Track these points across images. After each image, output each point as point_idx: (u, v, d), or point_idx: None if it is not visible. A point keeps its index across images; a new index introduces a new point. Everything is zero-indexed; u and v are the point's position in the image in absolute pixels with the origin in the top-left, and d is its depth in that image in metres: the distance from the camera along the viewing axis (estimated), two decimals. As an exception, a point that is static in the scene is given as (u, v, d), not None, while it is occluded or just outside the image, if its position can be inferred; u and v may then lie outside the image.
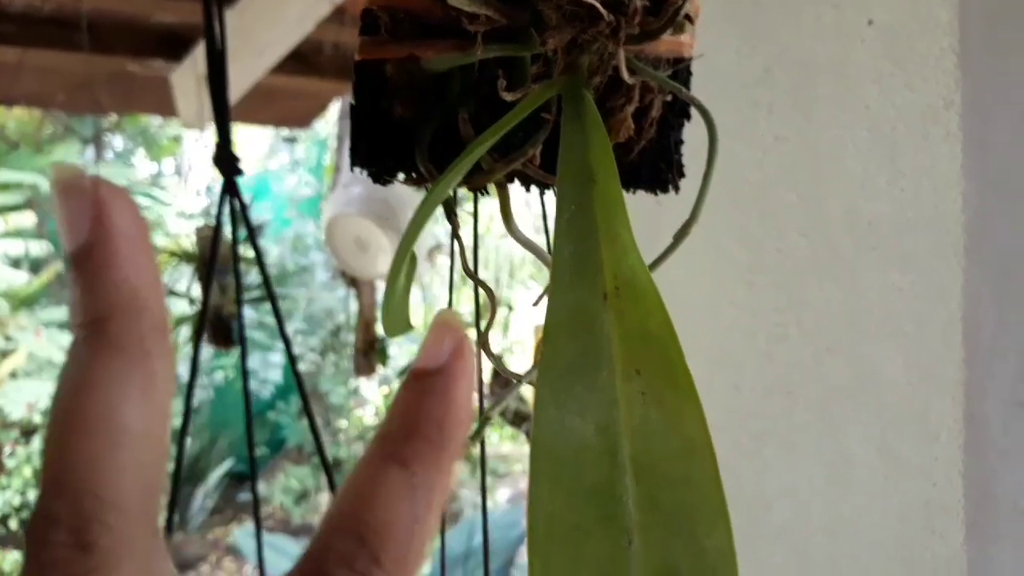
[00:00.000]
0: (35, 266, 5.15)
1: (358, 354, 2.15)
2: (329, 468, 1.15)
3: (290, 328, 4.95)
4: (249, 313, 4.63)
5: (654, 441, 0.27)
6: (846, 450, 0.73)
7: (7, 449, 4.61)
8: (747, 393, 0.78)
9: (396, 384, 5.47)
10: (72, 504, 0.19)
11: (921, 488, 0.70)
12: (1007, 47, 0.63)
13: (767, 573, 0.80)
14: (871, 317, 0.70)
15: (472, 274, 0.36)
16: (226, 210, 0.73)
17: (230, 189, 0.72)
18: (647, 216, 0.70)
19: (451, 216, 0.36)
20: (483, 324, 0.37)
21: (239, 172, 0.74)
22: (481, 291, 0.39)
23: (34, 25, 1.67)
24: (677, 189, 0.40)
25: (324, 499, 5.02)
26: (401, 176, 0.36)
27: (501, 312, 3.95)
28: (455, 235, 0.36)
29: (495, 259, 3.84)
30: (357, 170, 0.38)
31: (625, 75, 0.33)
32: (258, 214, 4.95)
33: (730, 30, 0.75)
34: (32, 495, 4.50)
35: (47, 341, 4.72)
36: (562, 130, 0.32)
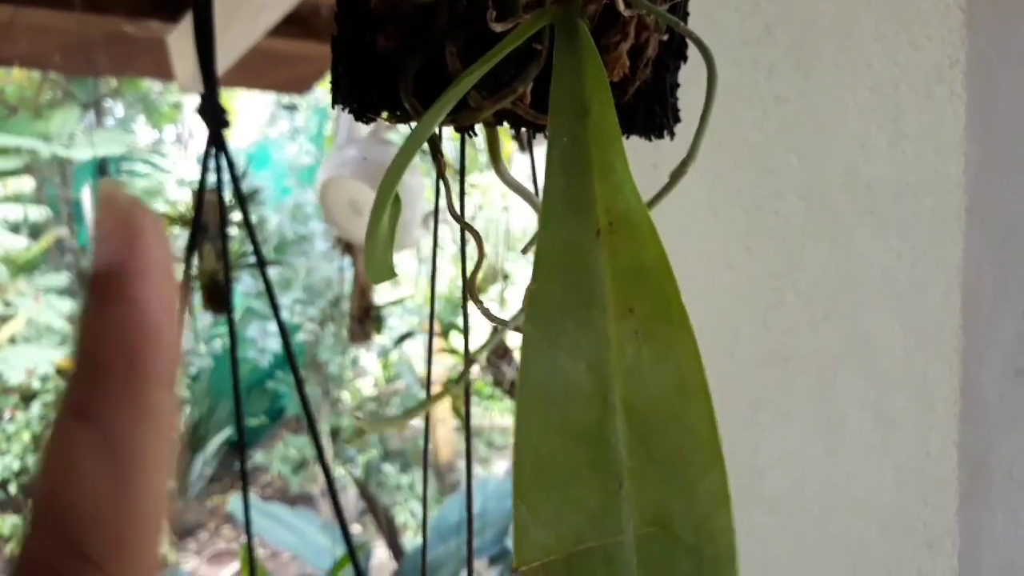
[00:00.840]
0: (34, 231, 5.13)
1: (353, 321, 2.13)
2: (319, 441, 1.14)
3: (289, 298, 4.94)
4: (249, 281, 4.62)
5: (647, 382, 0.26)
6: (842, 418, 0.72)
7: (6, 415, 4.62)
8: (743, 360, 0.77)
9: (395, 355, 5.47)
10: (55, 549, 0.18)
11: (916, 457, 0.69)
12: (1014, 4, 0.62)
13: (762, 541, 0.79)
14: (869, 283, 0.69)
15: (457, 216, 0.35)
16: (212, 164, 0.71)
17: (215, 141, 0.71)
18: (645, 156, 0.68)
19: (436, 155, 0.35)
20: (470, 269, 0.35)
21: (225, 124, 0.73)
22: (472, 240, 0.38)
23: (28, -17, 1.65)
24: (672, 135, 0.39)
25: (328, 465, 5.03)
26: (384, 113, 0.35)
27: (498, 287, 3.93)
28: (440, 175, 0.35)
29: (495, 231, 3.83)
30: (346, 126, 0.36)
31: (621, 6, 0.32)
32: (258, 182, 4.93)
33: (733, -13, 0.74)
34: (31, 460, 4.51)
35: (46, 307, 4.72)
36: (555, 61, 0.30)
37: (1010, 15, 0.62)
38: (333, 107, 0.35)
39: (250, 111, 5.72)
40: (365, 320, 2.13)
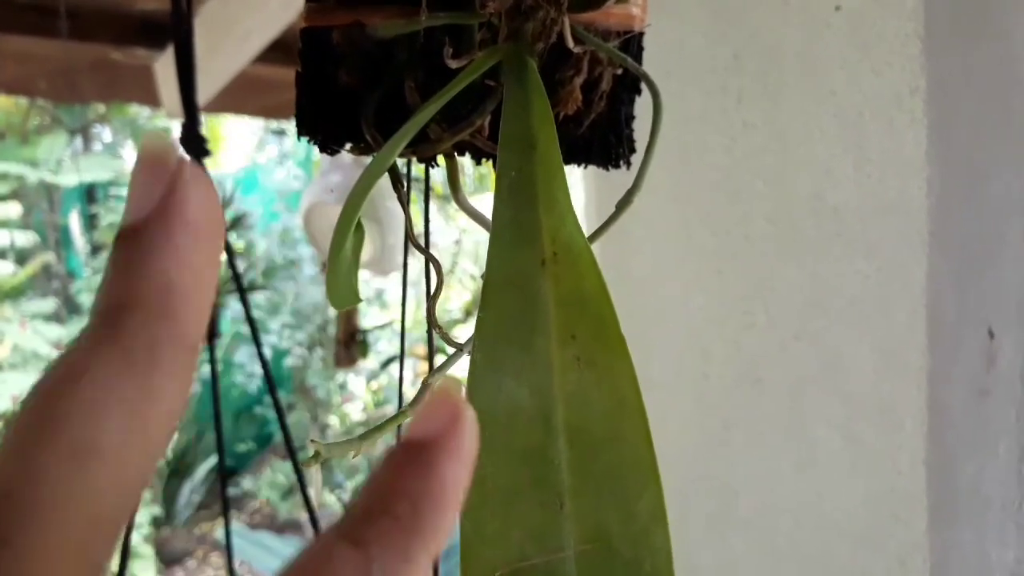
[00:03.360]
0: (21, 257, 5.12)
1: (339, 345, 2.13)
2: (300, 470, 1.14)
3: (277, 322, 4.93)
4: (238, 307, 4.61)
5: (587, 404, 0.27)
6: (813, 438, 0.73)
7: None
8: (716, 381, 0.79)
9: (384, 378, 5.46)
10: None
11: (886, 475, 0.70)
12: (970, 32, 0.64)
13: (736, 560, 0.80)
14: (837, 304, 0.70)
15: (418, 244, 0.36)
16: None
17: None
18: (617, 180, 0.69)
19: (397, 185, 0.36)
20: (433, 294, 0.37)
21: (207, 153, 0.74)
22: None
23: (12, 11, 1.66)
24: (628, 164, 0.40)
25: (311, 495, 5.00)
26: (348, 145, 0.36)
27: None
28: (402, 204, 0.36)
29: (482, 252, 3.85)
30: (326, 158, 0.37)
31: (570, 43, 0.33)
32: (246, 207, 4.93)
33: (700, 15, 0.75)
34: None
35: (32, 333, 4.70)
36: (504, 96, 0.32)
37: (966, 43, 0.64)
38: (299, 139, 0.36)
39: (239, 136, 5.73)
40: (351, 344, 2.13)
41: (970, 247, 0.67)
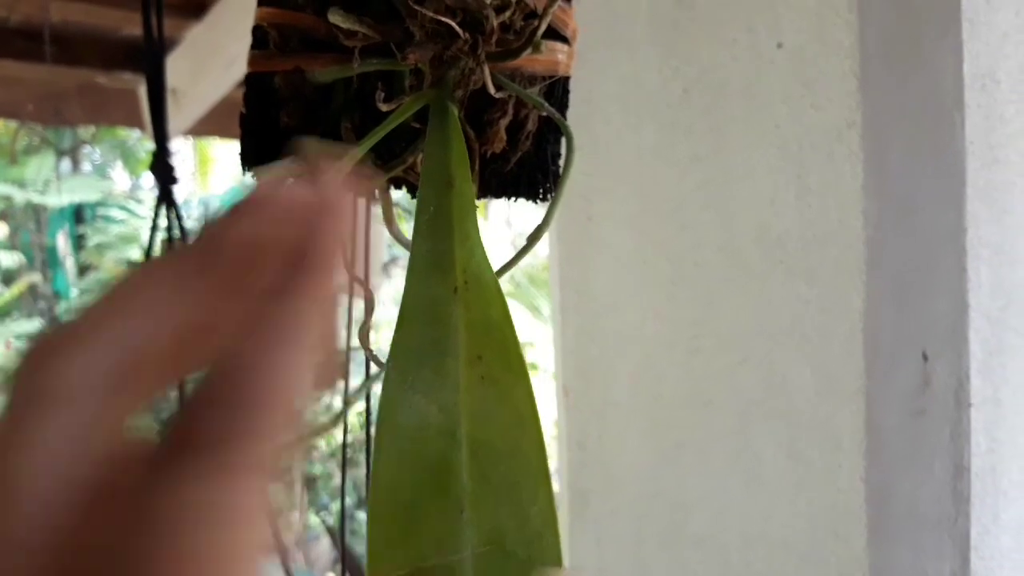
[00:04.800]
0: (7, 278, 5.14)
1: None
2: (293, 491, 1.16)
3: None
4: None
5: (489, 420, 0.30)
6: (759, 457, 0.76)
7: None
8: (668, 403, 0.81)
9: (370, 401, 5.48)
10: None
11: (828, 493, 0.73)
12: (902, 68, 0.67)
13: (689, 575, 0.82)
14: (780, 328, 0.73)
15: (353, 274, 0.39)
16: (163, 220, 0.75)
17: (165, 198, 0.75)
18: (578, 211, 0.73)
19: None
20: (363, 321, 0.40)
21: (175, 181, 0.77)
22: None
23: (1, 36, 1.69)
24: (555, 199, 0.43)
25: (294, 518, 5.00)
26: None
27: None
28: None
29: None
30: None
31: (491, 89, 0.36)
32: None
33: (653, 53, 0.79)
34: None
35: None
36: (427, 137, 0.35)
37: (898, 78, 0.67)
38: (243, 173, 0.39)
39: (226, 158, 5.77)
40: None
41: (905, 274, 0.70)
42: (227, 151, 5.69)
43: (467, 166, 0.33)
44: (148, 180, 6.37)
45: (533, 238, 0.37)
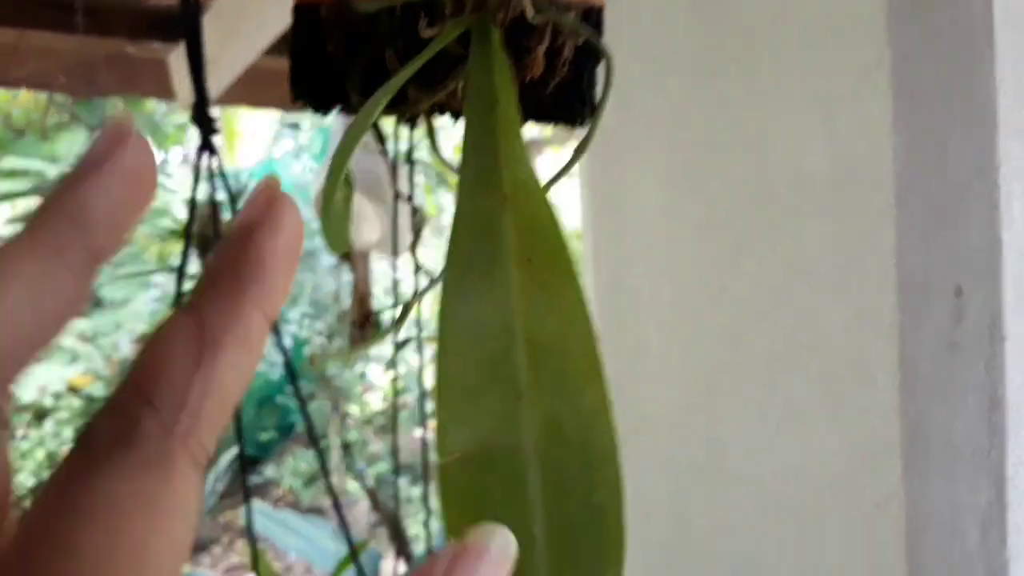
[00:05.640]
0: (43, 252, 5.20)
1: (354, 327, 2.20)
2: (322, 454, 1.19)
3: (296, 312, 5.00)
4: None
5: (541, 317, 0.32)
6: (793, 394, 0.77)
7: (20, 432, 4.68)
8: (700, 344, 0.83)
9: (404, 368, 5.53)
10: (124, 392, 0.21)
11: (862, 428, 0.74)
12: (931, 5, 0.67)
13: (726, 515, 0.84)
14: (812, 267, 0.74)
15: (400, 193, 0.41)
16: (204, 172, 0.77)
17: (207, 146, 0.77)
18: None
19: (381, 141, 0.40)
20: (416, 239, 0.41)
21: (215, 131, 0.79)
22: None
23: (32, 6, 1.72)
24: (592, 123, 0.44)
25: (333, 482, 5.07)
26: (337, 107, 0.41)
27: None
28: (385, 158, 0.41)
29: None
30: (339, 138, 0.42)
31: (529, 13, 0.38)
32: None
33: (681, -4, 0.80)
34: (45, 476, 4.56)
35: (56, 326, 4.77)
36: (470, 60, 0.36)
37: (925, 18, 0.68)
38: (293, 102, 0.41)
39: (254, 131, 5.80)
40: (365, 326, 2.19)
41: (936, 211, 0.71)
42: (255, 123, 5.72)
43: (510, 86, 0.35)
44: (176, 154, 6.42)
45: (579, 151, 0.38)
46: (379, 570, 3.10)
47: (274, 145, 5.99)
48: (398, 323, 0.36)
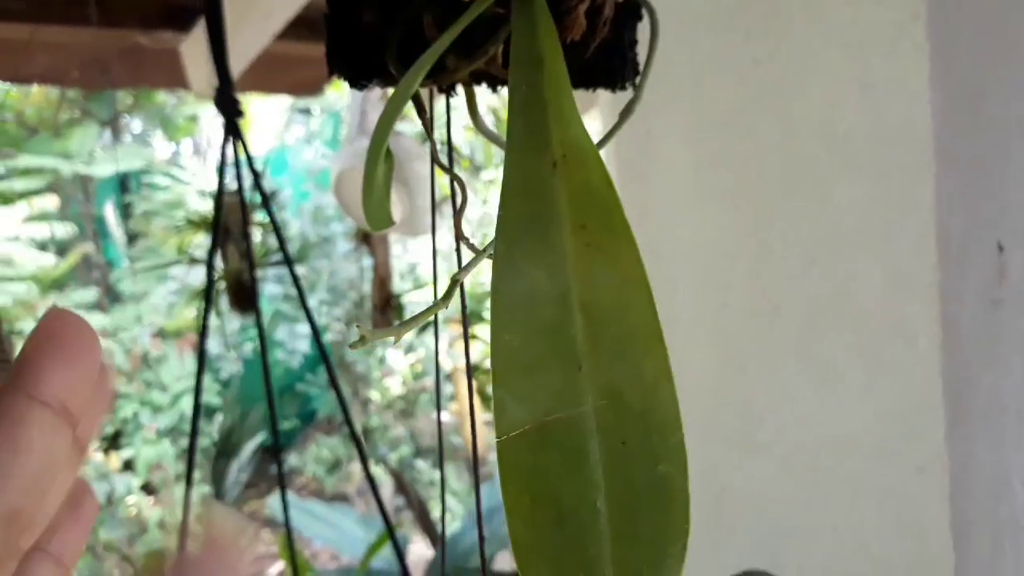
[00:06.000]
0: (61, 248, 5.23)
1: (375, 311, 2.19)
2: (359, 439, 1.18)
3: (315, 299, 4.99)
4: (274, 286, 4.69)
5: (597, 283, 0.31)
6: (830, 360, 0.76)
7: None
8: (734, 311, 0.82)
9: (423, 352, 5.53)
10: None
11: (903, 390, 0.73)
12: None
13: (760, 483, 0.83)
14: (848, 229, 0.73)
15: (443, 165, 0.40)
16: (231, 158, 0.76)
17: (232, 130, 0.76)
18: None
19: (421, 112, 0.39)
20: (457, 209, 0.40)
21: (240, 114, 0.78)
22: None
23: (43, 2, 1.71)
24: (635, 86, 0.43)
25: (356, 469, 5.09)
26: (375, 79, 0.40)
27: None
28: (427, 129, 0.40)
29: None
30: (356, 119, 0.41)
31: (571, -28, 0.37)
32: (277, 187, 4.99)
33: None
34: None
35: (76, 322, 4.78)
36: (513, 20, 0.35)
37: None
38: (330, 76, 0.40)
39: (265, 117, 5.79)
40: (387, 309, 2.18)
41: (976, 167, 0.69)
42: (266, 109, 5.71)
43: (556, 43, 0.33)
44: (188, 147, 6.43)
45: (626, 112, 0.37)
46: (406, 552, 3.11)
47: (285, 132, 5.98)
48: (445, 298, 0.35)
